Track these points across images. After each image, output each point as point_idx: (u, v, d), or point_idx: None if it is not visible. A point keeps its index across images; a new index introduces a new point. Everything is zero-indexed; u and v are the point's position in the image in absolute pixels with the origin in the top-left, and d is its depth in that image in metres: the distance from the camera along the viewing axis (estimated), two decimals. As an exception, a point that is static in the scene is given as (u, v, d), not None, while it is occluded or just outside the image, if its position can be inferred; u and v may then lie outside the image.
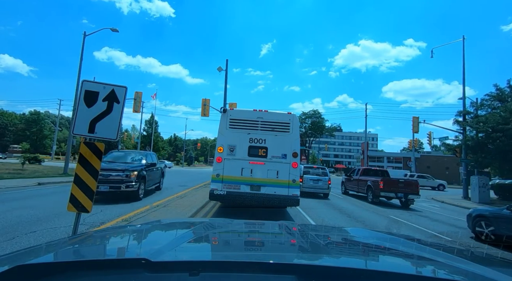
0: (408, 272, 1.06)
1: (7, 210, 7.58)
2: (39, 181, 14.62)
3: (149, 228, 1.81)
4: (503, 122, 17.87)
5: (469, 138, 21.67)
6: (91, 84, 3.54)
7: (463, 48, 22.98)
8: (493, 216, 7.64)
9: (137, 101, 26.38)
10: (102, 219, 7.15)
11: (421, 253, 1.37)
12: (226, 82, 20.64)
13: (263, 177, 8.14)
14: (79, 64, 20.20)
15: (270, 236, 1.82)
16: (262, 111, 8.61)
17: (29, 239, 5.26)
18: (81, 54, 20.32)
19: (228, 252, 1.35)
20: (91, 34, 21.09)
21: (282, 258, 1.20)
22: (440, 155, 61.85)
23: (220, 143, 8.42)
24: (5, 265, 0.87)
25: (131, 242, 1.52)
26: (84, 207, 3.42)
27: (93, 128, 3.43)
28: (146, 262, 0.85)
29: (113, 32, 21.23)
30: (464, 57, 22.75)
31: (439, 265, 1.15)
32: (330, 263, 1.14)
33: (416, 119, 26.03)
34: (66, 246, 1.37)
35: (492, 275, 0.99)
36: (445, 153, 52.26)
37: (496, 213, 7.69)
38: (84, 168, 3.46)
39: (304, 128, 63.13)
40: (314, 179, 15.73)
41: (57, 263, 1.01)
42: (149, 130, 68.13)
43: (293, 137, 8.46)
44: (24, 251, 1.17)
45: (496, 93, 20.67)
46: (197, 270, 0.84)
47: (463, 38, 23.18)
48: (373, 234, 2.04)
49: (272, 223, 2.14)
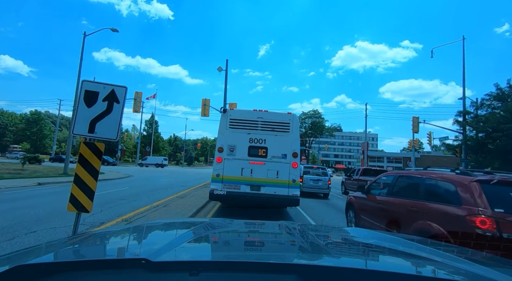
0: (408, 272, 1.06)
1: (7, 210, 7.59)
2: (39, 181, 14.63)
3: (149, 228, 1.81)
4: (503, 121, 17.88)
5: (469, 138, 21.70)
6: (91, 84, 3.54)
7: (463, 48, 23.03)
8: None
9: (137, 101, 26.41)
10: (102, 219, 7.15)
11: (421, 253, 1.37)
12: (226, 82, 20.64)
13: (263, 177, 8.13)
14: (79, 64, 20.23)
15: (270, 236, 1.82)
16: (262, 111, 8.61)
17: (29, 239, 5.27)
18: (81, 54, 20.36)
19: (228, 252, 1.35)
20: (91, 34, 21.13)
21: (282, 258, 1.20)
22: (440, 155, 61.93)
23: (220, 143, 8.42)
24: (5, 265, 0.87)
25: (131, 242, 1.52)
26: (84, 207, 3.42)
27: (93, 128, 3.42)
28: (146, 262, 0.85)
29: (112, 32, 21.26)
30: (464, 57, 22.81)
31: (439, 265, 1.15)
32: (330, 263, 1.14)
33: (416, 119, 26.05)
34: (66, 246, 1.37)
35: (492, 275, 0.99)
36: (445, 153, 52.28)
37: None
38: (84, 168, 3.46)
39: (304, 128, 63.16)
40: (314, 179, 15.74)
41: (57, 263, 1.01)
42: (149, 130, 68.26)
43: (293, 137, 8.46)
44: (24, 251, 1.17)
45: (497, 93, 20.69)
46: (197, 270, 0.84)
47: (463, 38, 23.21)
48: (373, 234, 2.04)
49: (272, 223, 2.14)
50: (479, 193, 3.80)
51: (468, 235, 3.65)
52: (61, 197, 10.14)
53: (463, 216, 3.78)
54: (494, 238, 3.47)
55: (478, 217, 3.61)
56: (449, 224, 3.96)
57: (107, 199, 10.37)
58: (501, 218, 3.50)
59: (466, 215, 3.74)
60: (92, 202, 3.46)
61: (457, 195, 4.08)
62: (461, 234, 3.73)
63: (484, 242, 3.52)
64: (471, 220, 3.67)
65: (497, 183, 3.90)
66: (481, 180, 3.94)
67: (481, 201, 3.72)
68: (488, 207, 3.64)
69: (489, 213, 3.59)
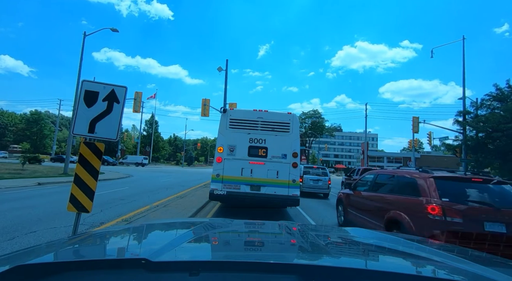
0: (408, 272, 1.06)
1: (7, 210, 7.59)
2: (39, 181, 14.63)
3: (149, 228, 1.81)
4: (503, 121, 17.89)
5: (469, 138, 21.70)
6: (91, 84, 3.54)
7: (463, 48, 23.04)
8: None
9: (137, 101, 26.41)
10: (102, 219, 7.15)
11: (421, 253, 1.37)
12: (226, 82, 20.63)
13: (263, 177, 8.13)
14: (79, 64, 20.23)
15: (270, 236, 1.82)
16: (262, 111, 8.61)
17: (29, 239, 5.27)
18: (81, 54, 20.35)
19: (228, 252, 1.35)
20: (91, 34, 21.12)
21: (282, 258, 1.20)
22: (440, 155, 61.92)
23: (220, 143, 8.42)
24: (5, 265, 0.87)
25: (131, 242, 1.52)
26: (84, 207, 3.42)
27: (93, 128, 3.42)
28: (146, 262, 0.85)
29: (112, 32, 21.26)
30: (464, 57, 22.82)
31: (439, 265, 1.15)
32: (330, 263, 1.14)
33: (416, 119, 26.05)
34: (66, 246, 1.37)
35: (492, 275, 0.99)
36: (445, 153, 52.27)
37: None
38: (84, 168, 3.46)
39: (304, 128, 63.12)
40: (314, 179, 15.74)
41: (57, 263, 1.01)
42: (149, 130, 68.22)
43: (293, 137, 8.46)
44: (24, 251, 1.17)
45: (496, 93, 20.69)
46: (197, 270, 0.84)
47: (463, 38, 23.21)
48: (373, 234, 2.04)
49: (272, 223, 2.14)
50: (433, 187, 4.75)
51: (424, 220, 4.58)
52: (61, 197, 10.13)
53: (421, 205, 4.74)
54: (441, 221, 4.39)
55: (430, 205, 4.56)
56: (412, 212, 4.90)
57: (107, 199, 10.37)
58: (446, 206, 4.46)
59: (423, 204, 4.70)
60: (92, 202, 3.46)
61: (418, 189, 5.05)
62: (419, 219, 4.68)
63: (434, 225, 4.44)
64: (425, 207, 4.62)
65: (447, 179, 4.92)
66: (435, 177, 4.88)
67: (434, 193, 4.67)
68: (438, 197, 4.59)
69: (438, 202, 4.53)
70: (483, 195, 4.77)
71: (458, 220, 4.34)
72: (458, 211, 4.38)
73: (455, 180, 4.97)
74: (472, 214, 4.40)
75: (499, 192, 4.82)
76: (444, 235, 4.28)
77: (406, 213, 4.97)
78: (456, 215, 4.36)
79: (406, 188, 5.44)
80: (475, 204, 4.57)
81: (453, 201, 4.53)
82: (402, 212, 5.07)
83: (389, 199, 5.70)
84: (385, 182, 6.43)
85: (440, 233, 4.33)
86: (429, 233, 4.43)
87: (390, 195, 5.75)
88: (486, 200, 4.67)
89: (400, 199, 5.38)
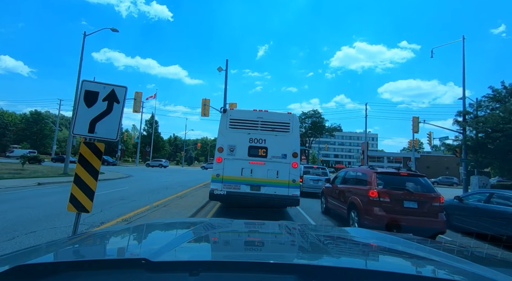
0: (408, 272, 1.06)
1: (7, 210, 7.58)
2: (39, 181, 14.62)
3: (149, 228, 1.81)
4: (502, 122, 17.88)
5: (469, 138, 21.68)
6: (91, 84, 3.53)
7: (463, 48, 23.00)
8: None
9: (137, 101, 26.42)
10: (102, 219, 7.15)
11: (421, 253, 1.37)
12: (226, 82, 20.63)
13: (263, 177, 8.13)
14: (79, 64, 20.23)
15: (270, 236, 1.82)
16: (262, 111, 8.61)
17: (29, 239, 5.26)
18: (81, 54, 20.35)
19: (228, 252, 1.35)
20: (91, 34, 21.13)
21: (282, 258, 1.20)
22: (440, 155, 61.89)
23: (220, 143, 8.42)
24: (5, 265, 0.87)
25: (131, 242, 1.52)
26: (84, 207, 3.41)
27: (93, 128, 3.42)
28: (146, 262, 0.85)
29: (112, 33, 21.27)
30: (464, 57, 22.79)
31: (439, 265, 1.15)
32: (330, 263, 1.14)
33: (416, 119, 26.04)
34: (66, 246, 1.37)
35: (492, 275, 0.99)
36: (445, 153, 52.25)
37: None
38: (84, 168, 3.46)
39: (304, 128, 63.03)
40: (314, 179, 15.73)
41: (57, 263, 1.01)
42: (149, 130, 68.20)
43: (293, 137, 8.46)
44: (24, 251, 1.17)
45: (493, 95, 20.70)
46: (197, 270, 0.84)
47: (463, 38, 23.20)
48: (373, 234, 2.03)
49: (272, 223, 2.14)
50: (374, 179, 7.04)
51: (368, 201, 6.81)
52: (61, 197, 10.13)
53: (367, 191, 6.97)
54: (377, 201, 6.66)
55: (371, 190, 6.83)
56: (362, 196, 7.13)
57: (107, 199, 10.37)
58: (380, 191, 6.75)
59: (368, 190, 6.94)
60: (92, 202, 3.46)
61: (366, 180, 7.35)
62: (365, 200, 6.89)
63: (373, 203, 6.69)
64: (368, 192, 6.88)
65: (384, 173, 7.22)
66: (377, 172, 7.23)
67: (374, 183, 6.96)
68: (376, 185, 6.90)
69: (376, 188, 6.82)
70: (405, 184, 6.96)
71: (387, 200, 6.62)
72: (387, 194, 6.65)
73: (389, 174, 7.19)
74: (396, 195, 6.65)
75: (416, 182, 7.00)
76: (379, 210, 6.57)
77: (359, 198, 7.20)
78: (386, 196, 6.63)
79: (360, 181, 7.72)
80: (399, 190, 6.76)
81: (385, 188, 6.79)
82: (357, 197, 7.30)
83: (350, 189, 8.05)
84: (350, 177, 8.63)
85: (377, 208, 6.58)
86: (370, 209, 6.69)
87: (352, 186, 8.10)
88: (406, 187, 6.86)
89: (357, 188, 7.63)
